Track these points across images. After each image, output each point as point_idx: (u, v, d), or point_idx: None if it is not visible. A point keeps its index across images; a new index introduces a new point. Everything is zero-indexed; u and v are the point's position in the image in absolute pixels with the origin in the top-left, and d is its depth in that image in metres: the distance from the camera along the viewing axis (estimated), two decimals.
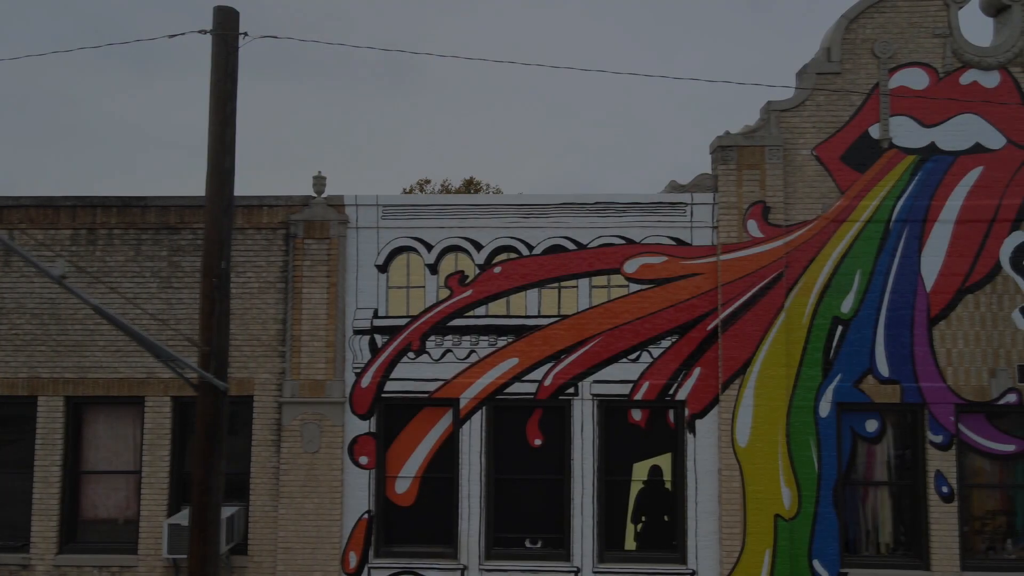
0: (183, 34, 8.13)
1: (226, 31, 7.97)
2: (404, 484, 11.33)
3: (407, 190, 42.95)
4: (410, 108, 63.09)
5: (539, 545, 11.17)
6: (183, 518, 10.54)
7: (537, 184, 51.64)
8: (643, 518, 11.19)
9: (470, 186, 41.83)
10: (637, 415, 11.26)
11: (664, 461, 11.20)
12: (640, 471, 11.22)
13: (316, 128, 59.47)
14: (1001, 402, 10.71)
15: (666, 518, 11.15)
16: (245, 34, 8.08)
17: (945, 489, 10.68)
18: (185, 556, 10.54)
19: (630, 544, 11.16)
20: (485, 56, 67.43)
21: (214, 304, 7.88)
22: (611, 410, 11.19)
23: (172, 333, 10.82)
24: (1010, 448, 10.90)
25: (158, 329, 11.13)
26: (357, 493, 11.08)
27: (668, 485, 11.16)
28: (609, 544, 11.12)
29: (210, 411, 7.81)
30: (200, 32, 8.05)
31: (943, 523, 10.66)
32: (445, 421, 11.31)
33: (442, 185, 42.29)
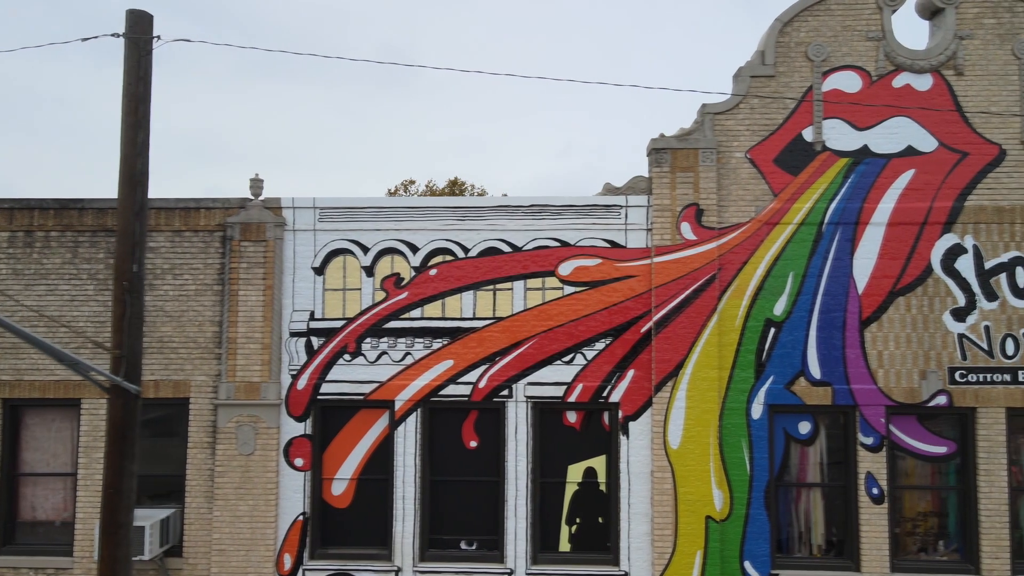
0: (95, 37, 8.14)
1: (138, 35, 8.00)
2: (341, 486, 11.36)
3: (392, 191, 42.98)
4: (406, 107, 63.20)
5: (475, 547, 11.20)
6: None
7: (527, 186, 51.69)
8: (578, 520, 11.22)
9: (454, 187, 41.84)
10: (572, 417, 11.29)
11: (599, 463, 11.24)
12: (575, 473, 11.25)
13: (310, 128, 59.51)
14: (931, 404, 10.75)
15: (601, 520, 11.18)
16: (158, 37, 8.12)
17: (875, 491, 10.71)
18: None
19: (565, 546, 11.19)
20: (461, 54, 67.52)
21: (125, 307, 7.87)
22: (545, 412, 11.23)
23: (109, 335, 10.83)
24: (942, 450, 10.94)
25: (95, 331, 11.18)
26: (292, 495, 11.11)
27: (603, 487, 11.20)
28: (544, 546, 11.15)
29: (120, 414, 7.81)
30: (113, 36, 8.09)
31: (873, 524, 10.69)
32: (382, 423, 11.34)
33: (426, 186, 42.29)
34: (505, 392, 11.11)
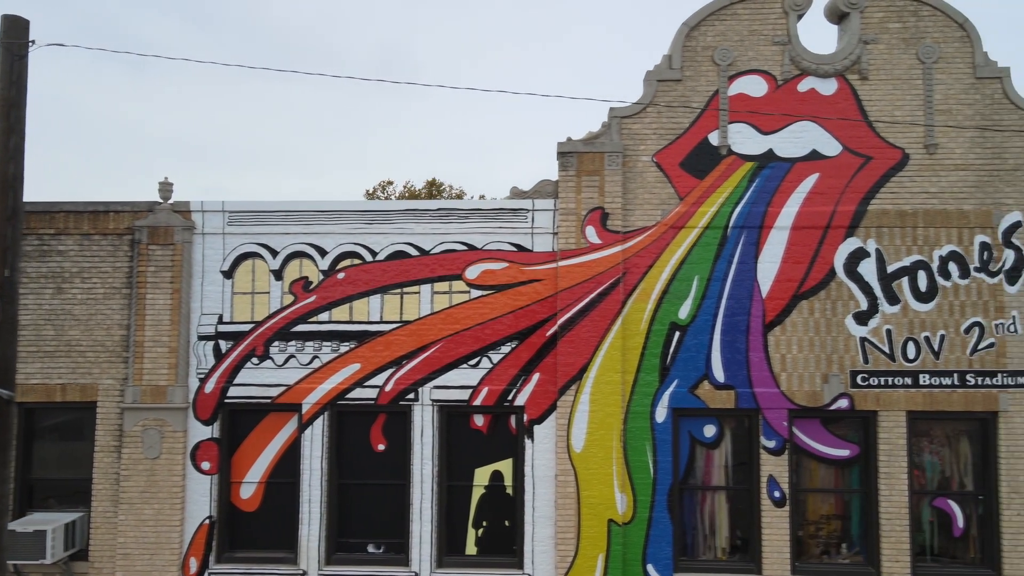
0: None
1: (12, 39, 8.00)
2: (249, 489, 11.37)
3: (369, 191, 42.99)
4: (407, 107, 63.22)
5: (382, 550, 11.21)
6: (21, 524, 10.55)
7: (508, 188, 51.63)
8: (484, 523, 11.24)
9: (432, 188, 41.83)
10: (479, 420, 11.31)
11: (505, 466, 11.26)
12: (482, 476, 11.27)
13: (306, 129, 59.50)
14: (833, 407, 10.78)
15: (507, 523, 11.20)
16: (33, 42, 8.11)
17: (777, 494, 10.74)
18: (24, 562, 10.59)
19: (471, 549, 11.21)
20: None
21: None
22: (452, 415, 11.24)
23: None
24: (845, 453, 10.98)
25: None
26: (199, 499, 11.12)
27: (509, 490, 11.22)
28: (450, 549, 11.17)
29: None
30: None
31: (775, 527, 10.72)
32: (290, 427, 11.34)
33: (404, 187, 42.32)
34: (411, 395, 11.12)
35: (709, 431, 11.08)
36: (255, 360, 11.22)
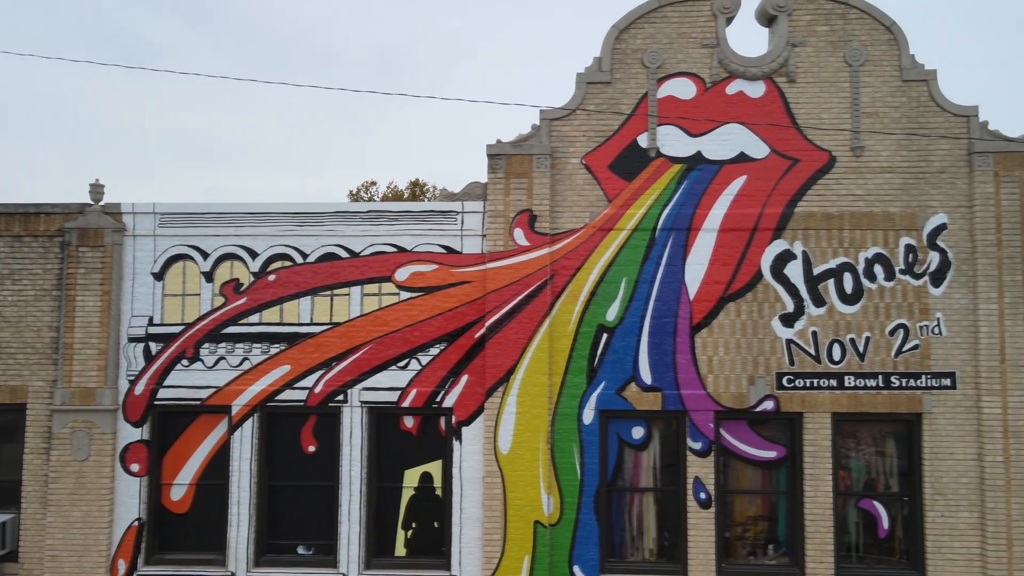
0: None
1: None
2: (180, 491, 11.38)
3: (353, 192, 42.98)
4: (401, 107, 63.22)
5: (312, 552, 11.23)
6: None
7: None
8: (414, 525, 11.26)
9: (415, 188, 41.82)
10: (409, 422, 11.33)
11: (435, 468, 11.28)
12: (411, 478, 11.29)
13: (304, 129, 59.50)
14: (758, 409, 10.81)
15: (436, 525, 11.22)
16: None
17: (703, 495, 10.77)
18: None
19: (400, 550, 11.23)
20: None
21: None
22: (383, 417, 11.26)
23: None
24: (772, 454, 11.01)
25: None
26: (128, 501, 11.12)
27: (439, 492, 11.23)
28: (379, 550, 11.19)
29: None
30: None
31: (700, 529, 10.75)
32: (221, 428, 11.35)
33: (388, 187, 42.32)
34: (340, 397, 11.13)
35: (637, 433, 11.11)
36: (185, 362, 11.23)
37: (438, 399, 11.07)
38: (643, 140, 11.15)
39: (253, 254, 11.32)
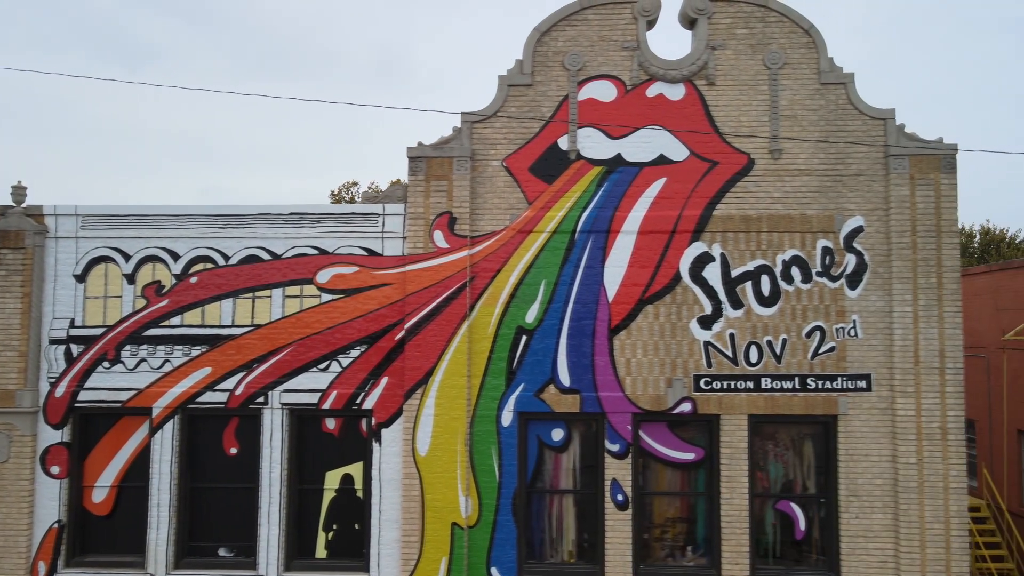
0: None
1: None
2: (101, 493, 11.37)
3: (334, 192, 43.00)
4: (398, 105, 63.19)
5: (234, 554, 11.23)
6: None
7: None
8: (335, 526, 11.26)
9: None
10: (331, 424, 11.34)
11: (356, 470, 11.29)
12: (332, 479, 11.30)
13: (303, 129, 59.47)
14: (676, 411, 10.84)
15: (357, 526, 11.23)
16: None
17: (620, 497, 10.80)
18: None
19: (321, 552, 11.23)
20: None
21: None
22: (304, 419, 11.27)
23: None
24: (690, 456, 11.04)
25: None
26: (48, 503, 11.11)
27: (359, 494, 11.25)
28: (300, 552, 11.20)
29: None
30: None
31: (618, 530, 10.78)
32: (142, 431, 11.35)
33: (369, 186, 42.34)
34: (261, 399, 11.14)
35: (557, 435, 11.13)
36: (107, 364, 11.22)
37: (358, 401, 11.08)
38: (564, 142, 11.17)
39: (175, 256, 11.32)
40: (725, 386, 10.82)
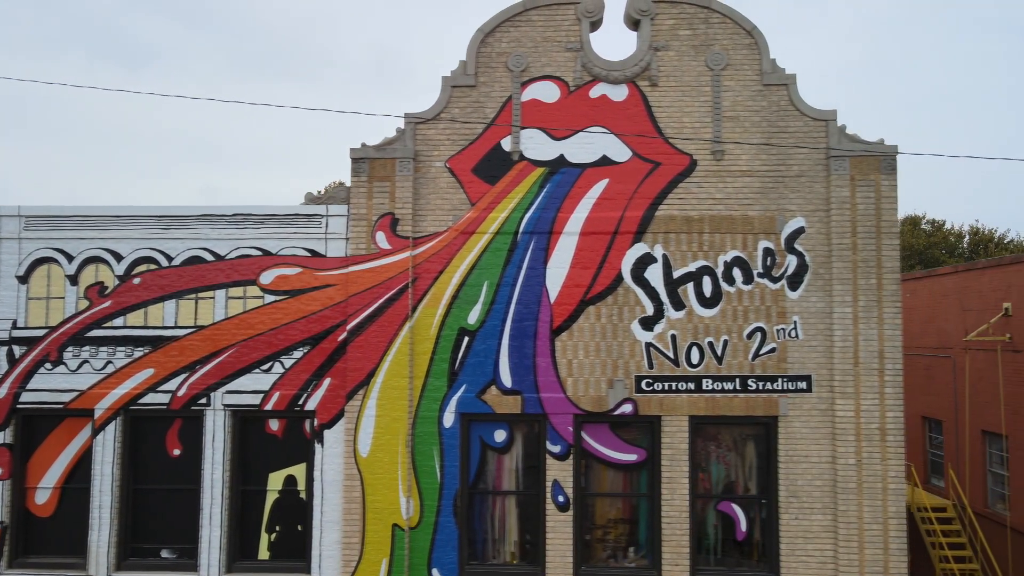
0: None
1: None
2: (44, 495, 11.34)
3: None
4: (392, 106, 63.22)
5: (177, 555, 11.21)
6: None
7: None
8: (278, 528, 11.25)
9: None
10: (275, 425, 11.32)
11: (299, 471, 11.27)
12: (276, 481, 11.28)
13: (301, 128, 59.48)
14: (617, 412, 10.84)
15: (300, 528, 11.22)
16: None
17: (561, 498, 10.80)
18: None
19: (264, 554, 11.21)
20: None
21: None
22: (247, 420, 11.25)
23: None
24: (632, 457, 11.04)
25: None
26: None
27: (302, 495, 11.23)
28: (243, 554, 11.18)
29: None
30: None
31: (559, 532, 10.78)
32: (85, 432, 11.33)
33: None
34: (203, 400, 11.12)
35: (500, 436, 11.13)
36: (49, 365, 11.19)
37: (301, 402, 11.07)
38: (507, 143, 11.16)
39: (118, 257, 11.29)
40: (666, 387, 10.82)
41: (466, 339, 10.98)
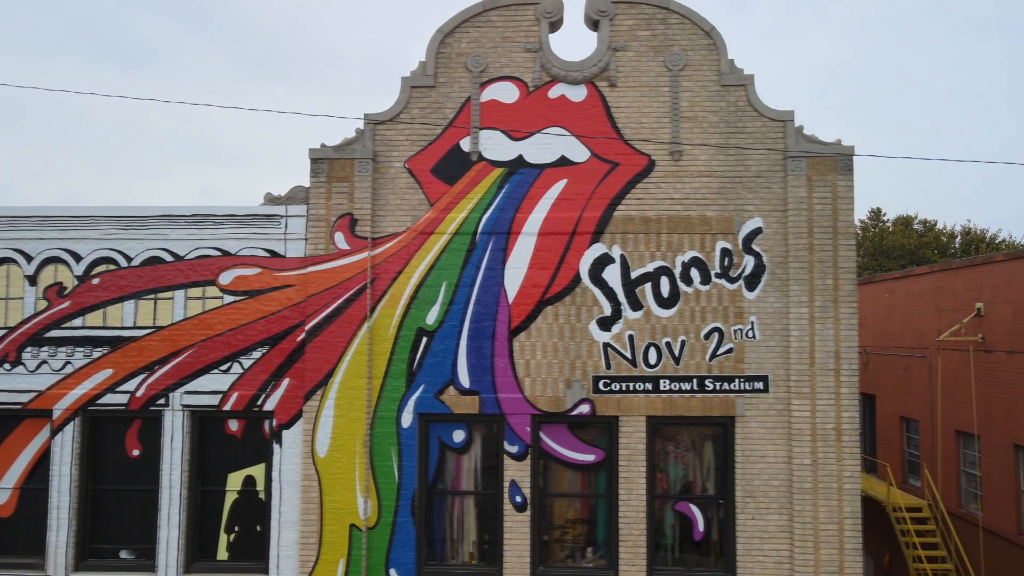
0: None
1: None
2: (3, 495, 11.33)
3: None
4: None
5: (136, 556, 11.20)
6: None
7: None
8: (237, 528, 11.25)
9: None
10: (234, 425, 11.32)
11: (258, 471, 11.27)
12: (235, 481, 11.28)
13: (300, 128, 59.52)
14: (574, 413, 10.85)
15: (259, 528, 11.21)
16: None
17: (519, 499, 10.81)
18: None
19: (223, 554, 11.21)
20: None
21: None
22: (207, 421, 11.25)
23: None
24: (590, 458, 11.05)
25: None
26: None
27: (262, 495, 11.23)
28: (202, 554, 11.18)
29: None
30: None
31: (516, 532, 10.78)
32: (45, 433, 11.32)
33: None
34: (162, 401, 11.11)
35: (458, 436, 11.13)
36: (7, 366, 11.18)
37: (259, 402, 11.07)
38: (466, 144, 11.17)
39: (77, 257, 11.29)
40: (624, 388, 10.83)
41: (424, 339, 10.99)
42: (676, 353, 10.85)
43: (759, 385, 10.74)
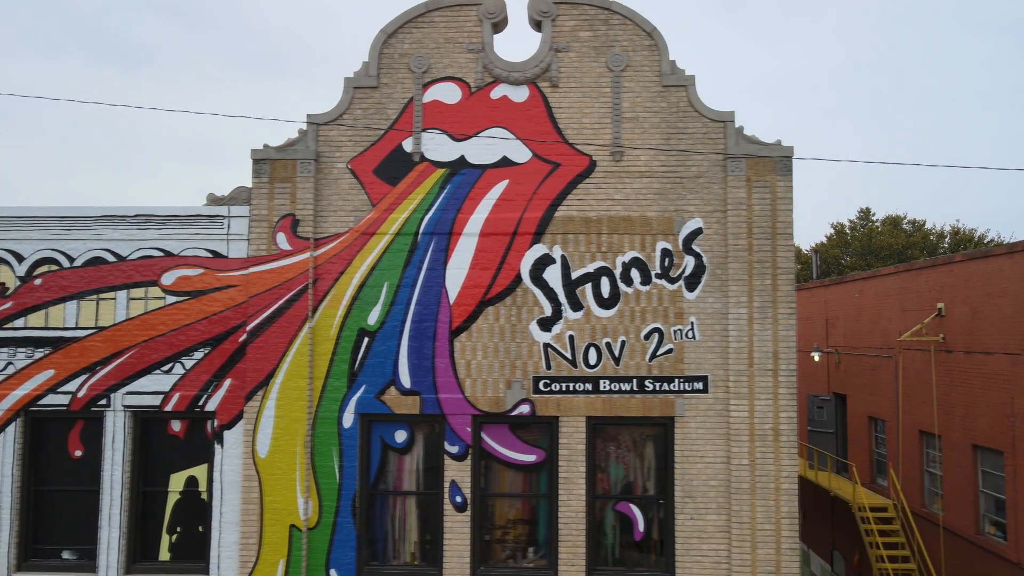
0: None
1: None
2: None
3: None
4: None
5: (78, 557, 11.19)
6: None
7: None
8: (179, 529, 11.24)
9: None
10: (177, 426, 11.31)
11: (201, 472, 11.27)
12: (177, 482, 11.28)
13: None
14: (515, 413, 10.86)
15: (201, 529, 11.21)
16: None
17: (459, 499, 10.82)
18: None
19: (165, 555, 11.21)
20: None
21: None
22: (149, 421, 11.25)
23: None
24: (531, 458, 11.06)
25: None
26: None
27: (203, 496, 11.23)
28: (144, 555, 11.18)
29: None
30: None
31: (456, 532, 10.79)
32: None
33: None
34: (104, 401, 11.11)
35: (400, 436, 11.14)
36: None
37: (201, 403, 11.06)
38: (408, 145, 11.18)
39: (19, 258, 11.28)
40: (564, 388, 10.85)
41: (366, 340, 10.99)
42: (616, 353, 10.86)
43: (699, 386, 10.75)
